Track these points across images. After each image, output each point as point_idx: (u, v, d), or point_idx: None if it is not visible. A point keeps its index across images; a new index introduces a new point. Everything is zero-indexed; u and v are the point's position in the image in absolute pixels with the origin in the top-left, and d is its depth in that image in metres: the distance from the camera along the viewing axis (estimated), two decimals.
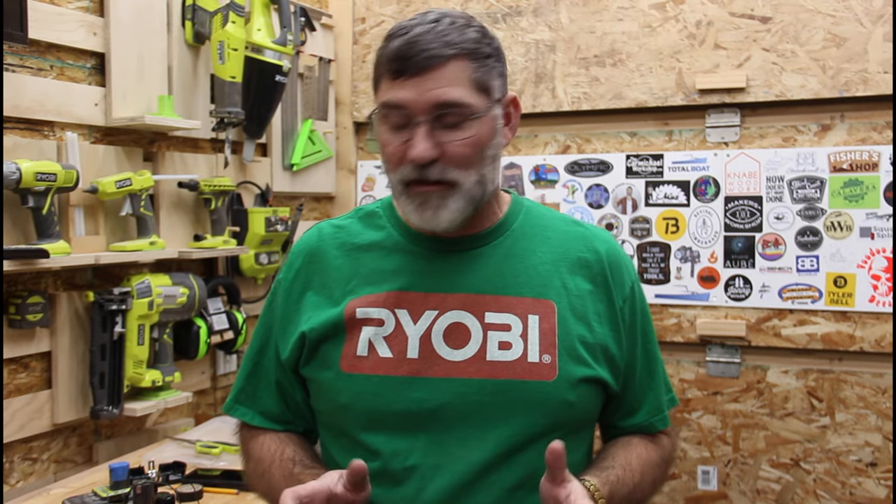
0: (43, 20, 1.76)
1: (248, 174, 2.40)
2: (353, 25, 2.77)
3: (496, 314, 1.11)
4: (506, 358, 1.09)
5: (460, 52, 1.05)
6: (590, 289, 1.15)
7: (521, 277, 1.13)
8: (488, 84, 1.08)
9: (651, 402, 1.22)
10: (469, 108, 1.05)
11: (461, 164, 1.06)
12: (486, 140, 1.08)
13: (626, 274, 1.19)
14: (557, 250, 1.16)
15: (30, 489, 1.74)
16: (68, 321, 1.84)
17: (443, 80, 1.04)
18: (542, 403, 1.08)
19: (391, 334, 1.11)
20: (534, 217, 1.20)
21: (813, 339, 2.26)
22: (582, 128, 2.52)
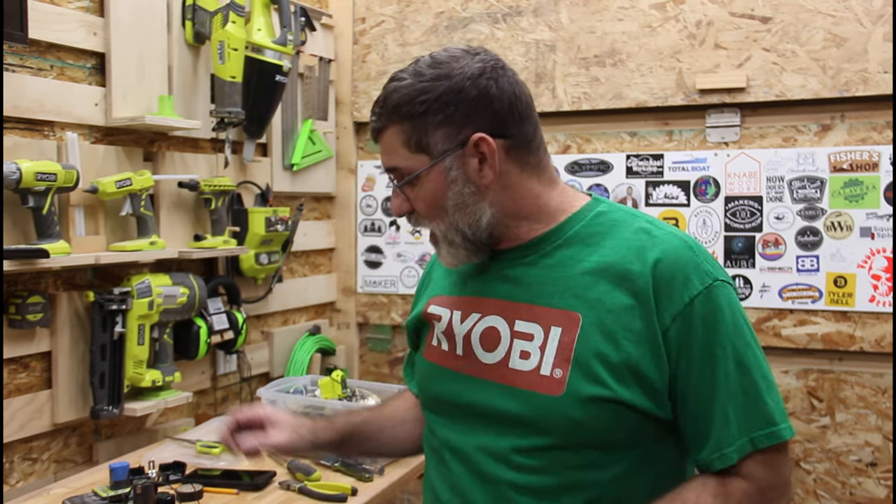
0: (43, 20, 1.76)
1: (248, 174, 2.40)
2: (353, 25, 2.77)
3: (524, 322, 1.13)
4: (523, 367, 1.11)
5: (389, 120, 1.13)
6: (630, 304, 1.07)
7: (556, 287, 1.12)
8: (425, 142, 1.11)
9: (715, 435, 1.07)
10: (404, 170, 1.13)
11: (428, 217, 1.15)
12: (438, 193, 1.12)
13: (682, 288, 1.07)
14: (606, 260, 1.11)
15: (30, 489, 1.74)
16: (68, 321, 1.84)
17: (385, 149, 1.15)
18: (547, 417, 1.08)
19: (445, 330, 1.21)
20: (600, 224, 1.15)
21: (813, 339, 2.26)
22: (582, 128, 2.52)
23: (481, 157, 1.11)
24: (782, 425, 1.09)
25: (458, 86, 1.10)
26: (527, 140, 1.16)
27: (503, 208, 1.14)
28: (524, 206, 1.15)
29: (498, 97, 1.12)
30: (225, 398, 2.37)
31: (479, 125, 1.10)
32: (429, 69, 1.12)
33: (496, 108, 1.12)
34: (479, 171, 1.11)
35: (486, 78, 1.11)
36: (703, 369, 1.06)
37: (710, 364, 1.06)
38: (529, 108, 1.18)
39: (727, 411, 1.06)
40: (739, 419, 1.06)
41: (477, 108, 1.11)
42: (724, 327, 1.07)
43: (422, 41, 2.66)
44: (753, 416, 1.07)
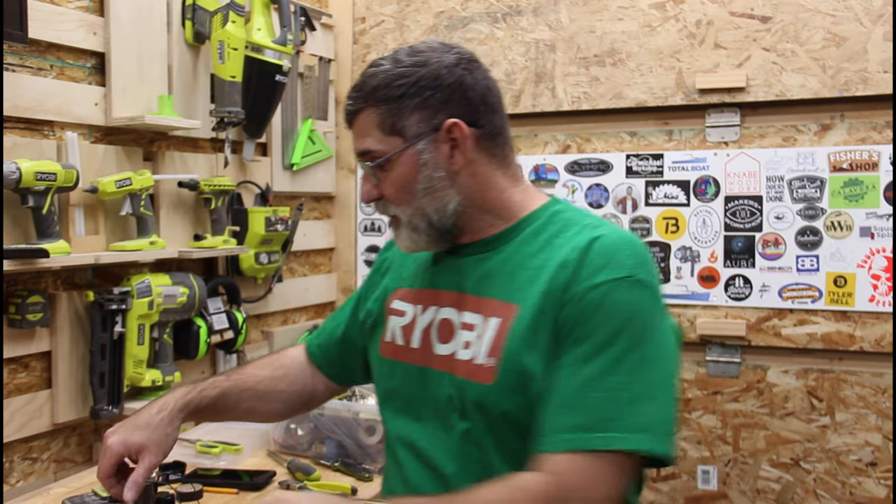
0: (43, 20, 1.76)
1: (248, 174, 2.40)
2: (353, 25, 2.77)
3: (470, 314, 1.17)
4: (464, 357, 1.15)
5: (365, 104, 1.16)
6: (548, 296, 1.09)
7: (503, 280, 1.16)
8: (399, 125, 1.15)
9: (550, 419, 1.04)
10: (377, 153, 1.16)
11: (395, 201, 1.18)
12: (406, 179, 1.16)
13: (592, 274, 1.06)
14: (552, 256, 1.12)
15: (30, 489, 1.74)
16: (68, 321, 1.84)
17: (358, 133, 1.19)
18: (481, 406, 1.12)
19: (407, 325, 1.25)
20: (553, 223, 1.18)
21: (813, 338, 2.26)
22: (582, 127, 2.52)
23: (453, 143, 1.15)
24: (630, 435, 0.99)
25: (435, 72, 1.15)
26: (496, 132, 1.20)
27: (469, 197, 1.18)
28: (488, 199, 1.19)
29: (472, 86, 1.16)
30: None
31: (452, 111, 1.15)
32: (407, 57, 1.16)
33: (470, 97, 1.16)
34: (451, 156, 1.15)
35: (461, 68, 1.16)
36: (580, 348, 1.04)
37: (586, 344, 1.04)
38: (500, 102, 1.22)
39: (584, 398, 1.02)
40: (590, 414, 1.01)
41: (452, 94, 1.15)
42: (616, 319, 1.04)
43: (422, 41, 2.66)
44: (609, 416, 1.00)
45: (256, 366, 1.46)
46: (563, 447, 1.01)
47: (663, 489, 2.43)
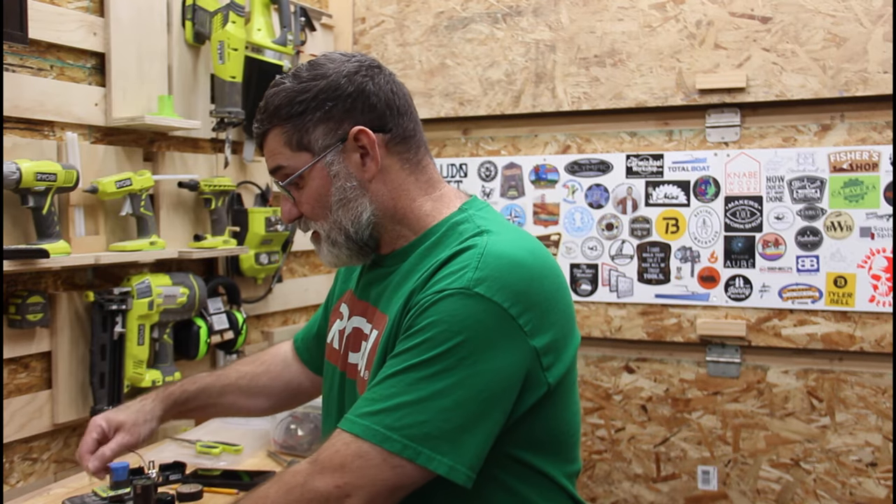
0: (43, 20, 1.76)
1: (248, 174, 2.40)
2: (353, 25, 2.77)
3: (368, 324, 1.22)
4: (359, 367, 1.20)
5: (270, 125, 1.17)
6: (405, 303, 1.09)
7: (392, 293, 1.18)
8: (305, 140, 1.15)
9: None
10: (288, 170, 1.17)
11: (312, 217, 1.20)
12: (322, 190, 1.16)
13: (437, 283, 1.05)
14: (427, 269, 1.10)
15: (30, 489, 1.74)
16: (68, 321, 1.84)
17: (268, 153, 1.19)
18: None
19: (342, 329, 1.30)
20: (448, 236, 1.16)
21: (813, 339, 2.26)
22: (582, 128, 2.52)
23: (363, 151, 1.15)
24: (404, 442, 0.98)
25: (334, 83, 1.14)
26: (407, 136, 1.19)
27: (381, 206, 1.17)
28: (399, 208, 1.18)
29: (375, 92, 1.16)
30: None
31: (357, 119, 1.15)
32: (306, 72, 1.17)
33: (373, 103, 1.16)
34: (362, 164, 1.16)
35: (361, 75, 1.16)
36: (398, 346, 1.04)
37: (402, 346, 1.03)
38: (408, 105, 1.21)
39: (375, 388, 1.03)
40: (375, 403, 1.01)
41: (354, 103, 1.15)
42: (435, 328, 1.01)
43: (422, 41, 2.66)
44: (383, 410, 1.00)
45: (240, 362, 1.52)
46: (341, 426, 1.02)
47: (663, 489, 2.44)
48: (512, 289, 1.03)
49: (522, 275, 1.05)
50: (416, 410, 0.99)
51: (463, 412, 0.99)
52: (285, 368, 1.50)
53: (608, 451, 2.50)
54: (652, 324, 2.43)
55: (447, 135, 2.66)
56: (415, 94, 2.66)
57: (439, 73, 2.63)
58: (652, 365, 2.45)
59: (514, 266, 1.05)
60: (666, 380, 2.43)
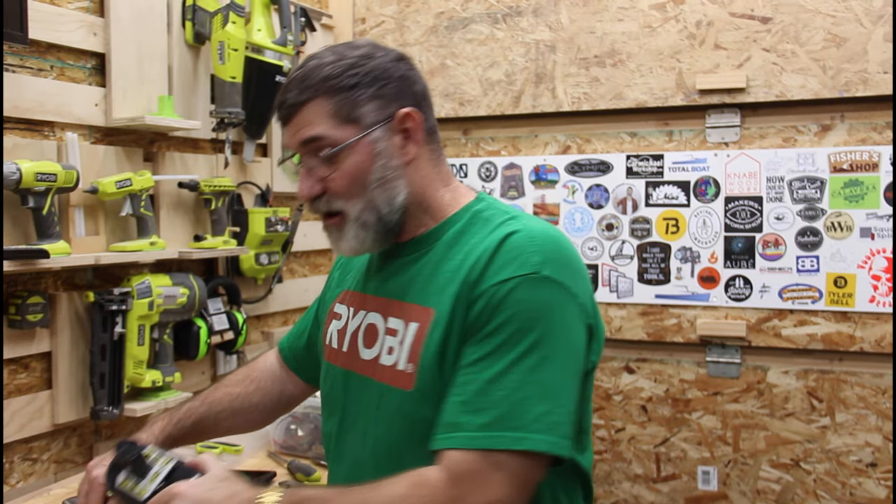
0: (43, 20, 1.76)
1: (248, 174, 2.40)
2: (353, 26, 2.77)
3: (394, 319, 1.17)
4: (386, 363, 1.15)
5: (314, 94, 1.13)
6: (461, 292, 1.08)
7: (422, 285, 1.15)
8: (354, 113, 1.13)
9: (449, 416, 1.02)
10: (329, 139, 1.12)
11: (342, 195, 1.14)
12: (361, 168, 1.13)
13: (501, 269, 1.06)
14: (466, 256, 1.11)
15: (30, 489, 1.74)
16: (68, 321, 1.84)
17: (304, 123, 1.13)
18: (400, 413, 1.11)
19: (341, 328, 1.27)
20: (473, 223, 1.17)
21: (813, 339, 2.26)
22: (582, 128, 2.52)
23: (405, 134, 1.16)
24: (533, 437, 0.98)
25: (384, 64, 1.15)
26: (433, 128, 1.22)
27: (413, 191, 1.17)
28: (426, 195, 1.19)
29: (416, 81, 1.19)
30: None
31: (402, 103, 1.15)
32: (349, 51, 1.16)
33: (415, 91, 1.18)
34: (403, 147, 1.16)
35: (404, 63, 1.18)
36: (486, 343, 1.03)
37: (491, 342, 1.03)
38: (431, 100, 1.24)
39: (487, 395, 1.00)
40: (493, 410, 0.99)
41: (401, 87, 1.16)
42: (521, 317, 1.02)
43: (422, 41, 2.66)
44: (509, 414, 0.99)
45: (228, 384, 1.45)
46: (463, 445, 0.99)
47: (663, 490, 2.44)
48: (569, 269, 1.07)
49: (570, 255, 1.10)
50: (533, 401, 0.99)
51: (568, 394, 1.03)
52: (275, 381, 1.46)
53: (608, 452, 2.50)
54: (652, 324, 2.43)
55: (447, 135, 2.66)
56: None
57: (439, 74, 2.63)
58: (652, 365, 2.45)
59: (562, 247, 1.09)
60: (666, 380, 2.42)
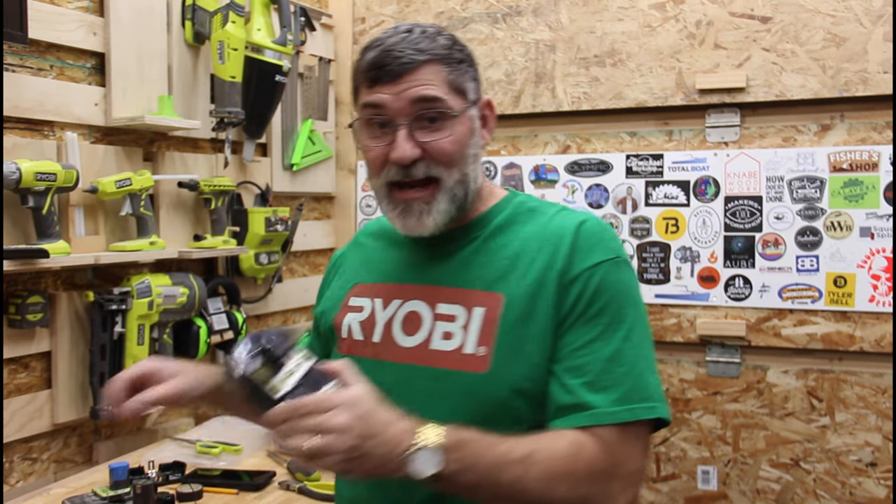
0: (43, 20, 1.76)
1: (248, 174, 2.40)
2: (353, 25, 2.77)
3: (446, 305, 1.15)
4: (445, 347, 1.13)
5: (433, 58, 1.11)
6: (543, 281, 1.11)
7: (480, 271, 1.15)
8: (463, 86, 1.14)
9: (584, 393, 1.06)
10: (445, 104, 1.11)
11: (444, 163, 1.12)
12: (465, 139, 1.13)
13: (593, 250, 1.12)
14: (528, 243, 1.15)
15: (30, 489, 1.74)
16: (68, 321, 1.84)
17: (418, 81, 1.10)
18: (472, 395, 1.09)
19: (365, 319, 1.21)
20: (520, 213, 1.21)
21: (813, 339, 2.26)
22: (582, 128, 2.52)
23: (483, 121, 1.19)
24: (659, 405, 1.07)
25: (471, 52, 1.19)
26: None
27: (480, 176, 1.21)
28: (482, 184, 1.22)
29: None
30: None
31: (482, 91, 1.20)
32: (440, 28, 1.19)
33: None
34: (481, 131, 1.19)
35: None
36: (595, 325, 1.08)
37: (600, 322, 1.08)
38: None
39: (611, 373, 1.06)
40: (621, 386, 1.05)
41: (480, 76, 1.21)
42: (617, 298, 1.09)
43: None
44: (638, 387, 1.06)
45: None
46: (604, 421, 1.04)
47: (663, 489, 2.44)
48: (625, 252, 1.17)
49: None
50: (647, 373, 1.08)
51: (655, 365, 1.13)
52: None
53: None
54: (652, 324, 2.43)
55: None
56: None
57: None
58: None
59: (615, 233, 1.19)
60: (666, 380, 2.42)
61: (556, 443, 1.02)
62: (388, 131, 1.12)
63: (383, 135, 1.13)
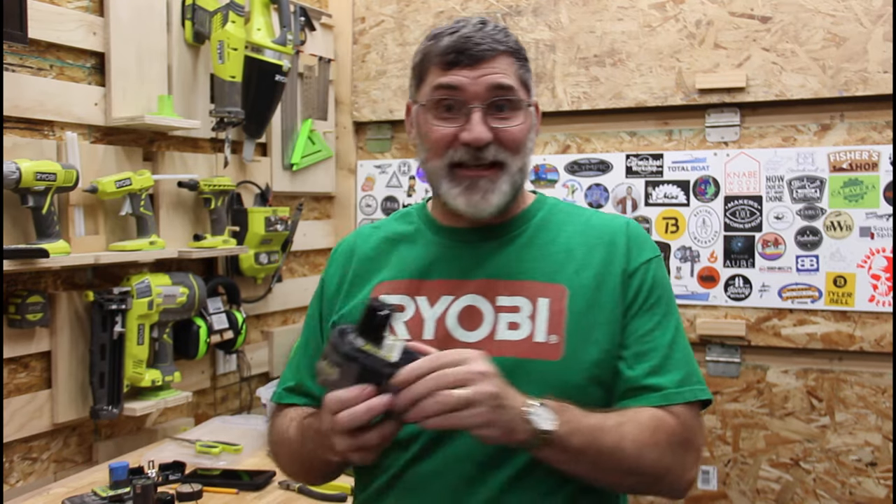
0: (43, 20, 1.76)
1: (247, 174, 2.40)
2: (353, 25, 2.77)
3: (507, 297, 1.16)
4: (513, 337, 1.14)
5: (508, 50, 1.16)
6: (603, 273, 1.17)
7: (535, 264, 1.18)
8: (528, 83, 1.19)
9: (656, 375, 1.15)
10: (517, 94, 1.15)
11: (512, 149, 1.15)
12: (528, 131, 1.18)
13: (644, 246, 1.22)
14: (574, 239, 1.20)
15: (30, 489, 1.74)
16: (68, 321, 1.84)
17: (495, 69, 1.14)
18: (547, 383, 1.10)
19: (410, 319, 1.18)
20: (557, 212, 1.26)
21: (813, 338, 2.26)
22: (582, 127, 2.52)
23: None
24: (706, 388, 1.17)
25: None
26: None
27: None
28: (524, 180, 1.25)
29: None
30: (225, 398, 2.37)
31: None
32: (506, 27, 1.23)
33: None
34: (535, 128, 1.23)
35: None
36: (654, 314, 1.17)
37: (657, 312, 1.18)
38: None
39: (673, 358, 1.15)
40: (682, 369, 1.15)
41: None
42: (666, 291, 1.21)
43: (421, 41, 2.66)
44: (692, 371, 1.17)
45: None
46: (673, 400, 1.12)
47: None
48: None
49: None
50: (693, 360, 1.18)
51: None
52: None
53: None
54: None
55: None
56: None
57: None
58: None
59: None
60: None
61: (639, 416, 1.09)
62: (457, 114, 1.14)
63: (452, 117, 1.14)
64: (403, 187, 2.75)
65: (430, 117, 1.16)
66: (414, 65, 1.22)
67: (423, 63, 1.19)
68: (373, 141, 2.79)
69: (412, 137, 1.24)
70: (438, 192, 1.19)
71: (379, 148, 2.79)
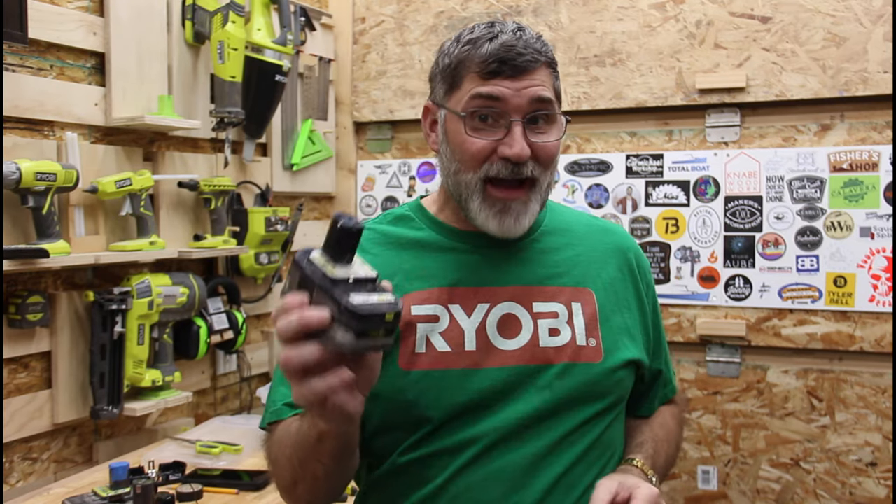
0: (43, 20, 1.76)
1: (248, 174, 2.40)
2: (353, 25, 2.77)
3: (543, 304, 1.16)
4: (556, 343, 1.15)
5: (547, 60, 1.14)
6: (619, 277, 1.24)
7: (559, 269, 1.20)
8: (560, 94, 1.18)
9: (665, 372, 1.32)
10: (554, 107, 1.13)
11: (546, 165, 1.13)
12: (558, 145, 1.16)
13: (645, 264, 1.31)
14: (585, 243, 1.24)
15: (30, 489, 1.74)
16: (68, 321, 1.84)
17: (537, 81, 1.11)
18: (594, 383, 1.15)
19: (447, 329, 1.12)
20: (557, 215, 1.27)
21: (813, 338, 2.26)
22: (582, 127, 2.52)
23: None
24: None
25: None
26: None
27: None
28: None
29: None
30: (225, 398, 2.37)
31: None
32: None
33: None
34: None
35: None
36: (657, 320, 1.30)
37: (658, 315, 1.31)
38: None
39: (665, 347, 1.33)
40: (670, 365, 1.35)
41: None
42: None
43: (421, 41, 2.66)
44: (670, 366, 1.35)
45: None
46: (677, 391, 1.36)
47: (663, 489, 2.43)
48: None
49: None
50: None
51: None
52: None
53: None
54: None
55: None
56: (415, 94, 2.66)
57: None
58: None
59: None
60: None
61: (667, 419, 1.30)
62: (494, 126, 1.10)
63: (489, 129, 1.10)
64: (403, 187, 2.75)
65: (464, 127, 1.10)
66: (444, 67, 1.15)
67: (458, 69, 1.13)
68: (373, 141, 2.79)
69: (432, 142, 1.19)
70: (466, 207, 1.14)
71: (379, 148, 2.79)
